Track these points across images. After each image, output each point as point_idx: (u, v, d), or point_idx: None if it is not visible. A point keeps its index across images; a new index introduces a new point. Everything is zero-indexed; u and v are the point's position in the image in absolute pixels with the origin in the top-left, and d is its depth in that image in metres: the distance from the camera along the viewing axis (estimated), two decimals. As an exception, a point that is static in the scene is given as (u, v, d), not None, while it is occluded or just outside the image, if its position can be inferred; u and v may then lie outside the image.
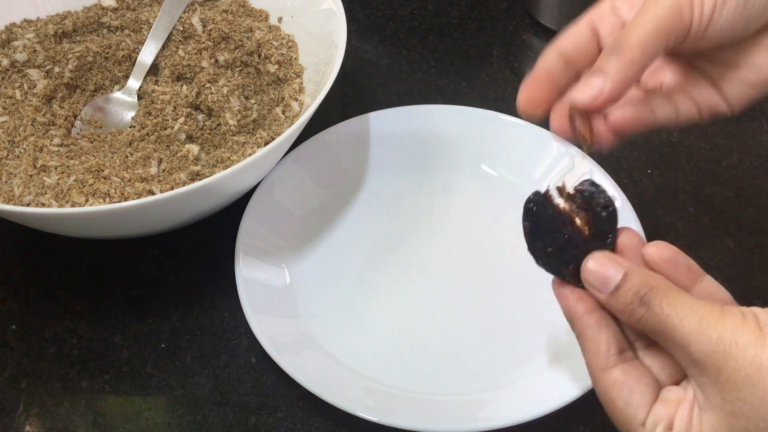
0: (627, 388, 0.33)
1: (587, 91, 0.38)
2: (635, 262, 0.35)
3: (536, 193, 0.37)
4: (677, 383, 0.34)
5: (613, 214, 0.36)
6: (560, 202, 0.37)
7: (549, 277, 0.37)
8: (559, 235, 0.36)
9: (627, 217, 0.51)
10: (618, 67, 0.37)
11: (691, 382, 0.32)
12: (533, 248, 0.37)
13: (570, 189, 0.37)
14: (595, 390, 0.35)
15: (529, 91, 0.42)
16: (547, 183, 0.56)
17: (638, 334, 0.35)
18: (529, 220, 0.37)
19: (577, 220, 0.36)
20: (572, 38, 0.42)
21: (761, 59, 0.39)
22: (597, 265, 0.34)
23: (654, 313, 0.32)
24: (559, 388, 0.46)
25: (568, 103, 0.40)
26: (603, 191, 0.37)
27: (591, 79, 0.38)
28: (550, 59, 0.42)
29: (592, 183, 0.37)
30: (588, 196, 0.36)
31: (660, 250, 0.35)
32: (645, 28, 0.37)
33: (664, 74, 0.43)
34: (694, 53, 0.41)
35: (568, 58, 0.41)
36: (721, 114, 0.42)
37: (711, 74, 0.42)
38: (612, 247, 0.36)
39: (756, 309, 0.31)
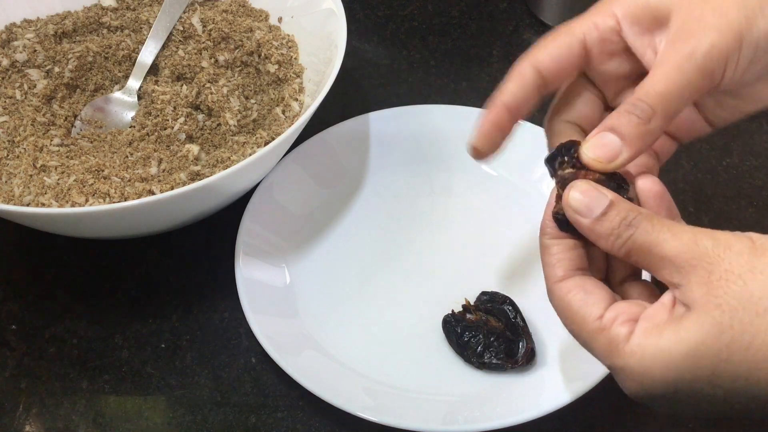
0: (583, 291, 0.33)
1: (603, 152, 0.34)
2: (660, 207, 0.35)
3: (449, 315, 0.48)
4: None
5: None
6: (470, 315, 0.48)
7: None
8: (481, 335, 0.47)
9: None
10: (638, 135, 0.33)
11: (674, 292, 0.32)
12: (463, 355, 0.47)
13: (472, 304, 0.49)
14: (551, 303, 0.35)
15: (491, 127, 0.38)
16: (543, 185, 0.56)
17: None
18: (451, 334, 0.48)
19: (491, 321, 0.48)
20: (554, 58, 0.37)
21: (761, 93, 0.38)
22: (582, 191, 0.33)
23: (643, 232, 0.32)
24: (559, 389, 0.46)
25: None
26: (495, 298, 0.49)
27: (607, 137, 0.34)
28: (526, 80, 0.37)
29: (484, 293, 0.49)
30: (488, 306, 0.48)
31: (651, 184, 0.35)
32: (671, 92, 0.33)
33: None
34: None
35: (546, 80, 0.37)
36: (701, 136, 0.40)
37: (706, 106, 0.39)
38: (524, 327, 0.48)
39: (748, 233, 0.31)
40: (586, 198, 0.33)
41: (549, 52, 0.37)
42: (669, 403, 0.32)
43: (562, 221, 0.35)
